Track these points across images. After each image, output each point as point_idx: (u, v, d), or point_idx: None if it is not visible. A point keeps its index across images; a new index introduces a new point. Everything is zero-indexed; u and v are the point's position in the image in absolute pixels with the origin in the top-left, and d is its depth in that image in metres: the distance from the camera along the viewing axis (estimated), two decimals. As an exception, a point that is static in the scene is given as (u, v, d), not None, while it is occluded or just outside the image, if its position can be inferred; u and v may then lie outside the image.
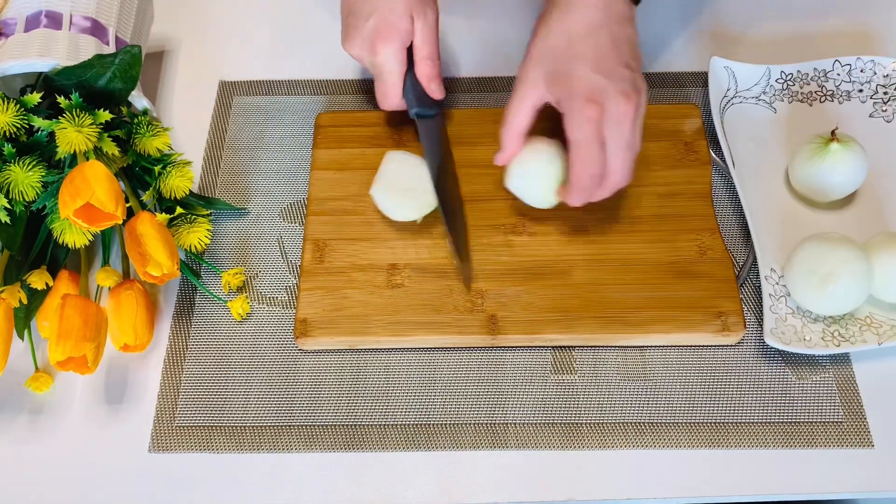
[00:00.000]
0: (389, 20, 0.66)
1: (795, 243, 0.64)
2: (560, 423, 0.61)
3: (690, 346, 0.64)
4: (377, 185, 0.67)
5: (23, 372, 0.64)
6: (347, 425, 0.62)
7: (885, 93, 0.74)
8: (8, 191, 0.62)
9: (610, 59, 0.59)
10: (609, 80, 0.58)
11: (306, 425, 0.62)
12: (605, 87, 0.58)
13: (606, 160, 0.59)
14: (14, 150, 0.62)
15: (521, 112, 0.62)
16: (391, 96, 0.68)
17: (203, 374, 0.64)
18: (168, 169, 0.67)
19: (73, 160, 0.63)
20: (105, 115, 0.64)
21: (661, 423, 0.61)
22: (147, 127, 0.67)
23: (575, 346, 0.64)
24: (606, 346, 0.64)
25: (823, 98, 0.75)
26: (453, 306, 0.64)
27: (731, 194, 0.71)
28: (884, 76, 0.74)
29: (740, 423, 0.61)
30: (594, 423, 0.61)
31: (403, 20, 0.66)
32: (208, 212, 0.69)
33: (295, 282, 0.68)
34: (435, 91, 0.69)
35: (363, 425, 0.62)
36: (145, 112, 0.70)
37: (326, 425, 0.62)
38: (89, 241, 0.63)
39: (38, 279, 0.63)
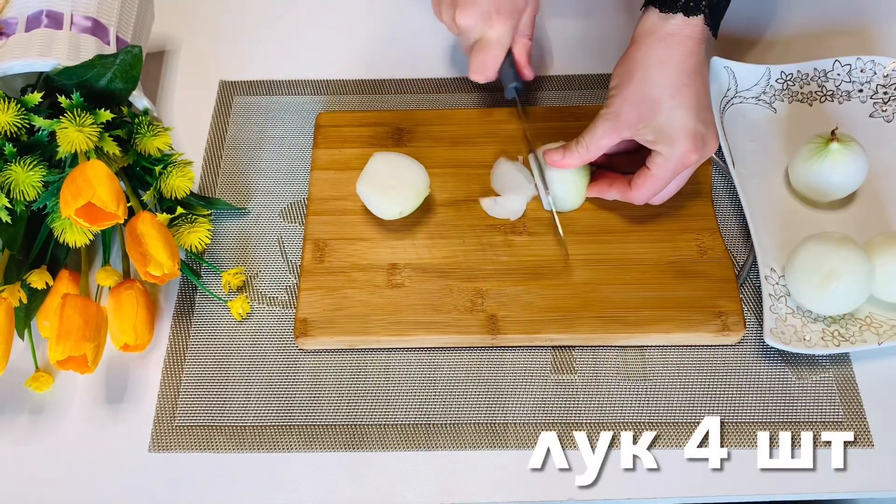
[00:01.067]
0: None
1: (795, 243, 0.64)
2: (560, 423, 0.61)
3: (690, 345, 0.64)
4: (361, 182, 0.67)
5: (23, 371, 0.64)
6: (347, 425, 0.62)
7: (885, 93, 0.74)
8: (9, 190, 0.62)
9: (705, 104, 0.62)
10: (706, 127, 0.61)
11: (306, 425, 0.62)
12: (704, 134, 0.61)
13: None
14: (15, 149, 0.62)
15: (604, 143, 0.64)
16: (492, 68, 0.70)
17: (203, 373, 0.64)
18: (168, 169, 0.67)
19: (74, 160, 0.63)
20: (106, 115, 0.64)
21: (660, 422, 0.61)
22: (148, 127, 0.67)
23: (575, 346, 0.64)
24: (606, 346, 0.64)
25: (823, 98, 0.75)
26: (453, 306, 0.64)
27: (731, 194, 0.71)
28: (884, 76, 0.74)
29: (740, 422, 0.61)
30: (594, 423, 0.61)
31: (522, 1, 0.69)
32: (209, 212, 0.69)
33: (295, 282, 0.68)
34: (529, 70, 0.72)
35: (363, 425, 0.62)
36: (146, 112, 0.70)
37: (326, 425, 0.62)
38: (90, 240, 0.63)
39: (38, 279, 0.63)
